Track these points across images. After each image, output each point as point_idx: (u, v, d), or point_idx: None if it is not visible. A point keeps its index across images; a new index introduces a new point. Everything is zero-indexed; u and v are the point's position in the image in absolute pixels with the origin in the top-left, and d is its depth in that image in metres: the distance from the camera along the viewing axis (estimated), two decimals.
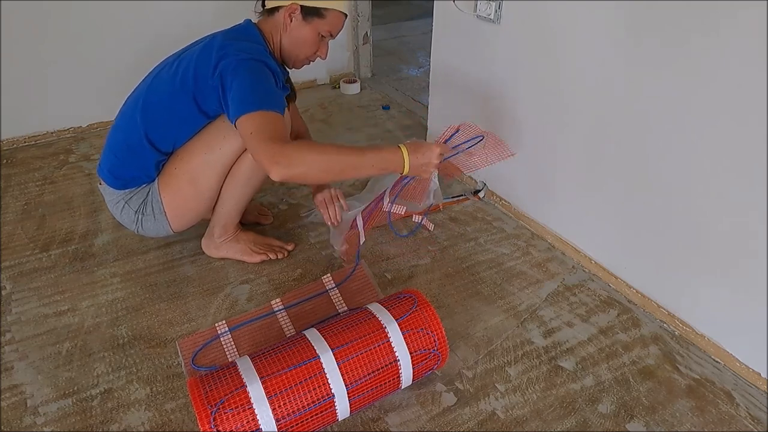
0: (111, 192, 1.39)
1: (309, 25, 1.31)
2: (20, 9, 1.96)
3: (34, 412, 1.10)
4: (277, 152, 1.08)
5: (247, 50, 1.22)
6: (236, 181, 1.36)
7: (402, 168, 1.19)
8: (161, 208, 1.37)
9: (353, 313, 1.12)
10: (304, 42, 1.34)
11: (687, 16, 1.10)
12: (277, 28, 1.33)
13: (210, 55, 1.23)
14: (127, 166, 1.35)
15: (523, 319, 1.34)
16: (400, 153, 1.17)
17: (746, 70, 1.03)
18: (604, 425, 1.10)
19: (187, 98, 1.27)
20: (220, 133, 1.30)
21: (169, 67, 1.31)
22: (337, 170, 1.15)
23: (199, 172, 1.33)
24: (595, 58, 1.32)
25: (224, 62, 1.20)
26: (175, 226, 1.41)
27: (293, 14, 1.30)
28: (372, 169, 1.17)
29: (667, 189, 1.25)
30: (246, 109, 1.13)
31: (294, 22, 1.31)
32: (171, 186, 1.35)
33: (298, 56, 1.37)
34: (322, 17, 1.31)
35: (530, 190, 1.66)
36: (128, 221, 1.41)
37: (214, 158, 1.32)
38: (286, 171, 1.08)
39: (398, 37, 3.52)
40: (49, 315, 1.33)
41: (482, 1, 1.58)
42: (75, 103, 2.19)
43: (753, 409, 1.14)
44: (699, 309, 1.27)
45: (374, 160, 1.16)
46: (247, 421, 0.91)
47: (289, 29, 1.32)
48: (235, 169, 1.34)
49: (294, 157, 1.09)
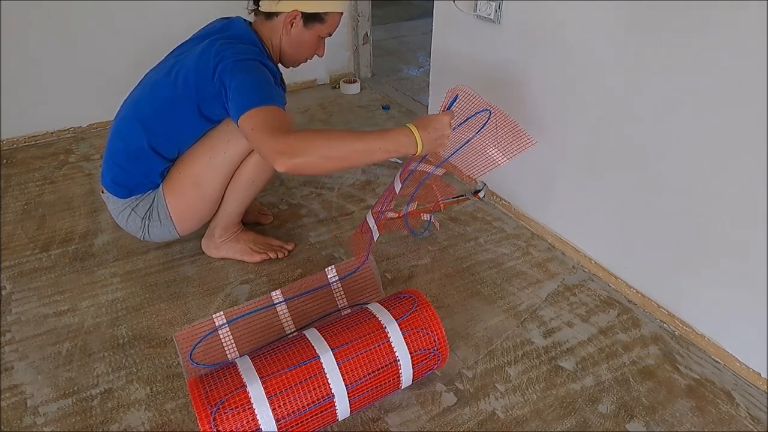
0: (115, 201, 1.39)
1: (310, 30, 1.33)
2: (20, 9, 1.96)
3: (34, 412, 1.10)
4: (281, 142, 1.04)
5: (244, 51, 1.23)
6: (240, 184, 1.36)
7: (415, 148, 1.10)
8: (167, 212, 1.37)
9: (353, 312, 1.12)
10: (305, 46, 1.36)
11: (687, 16, 1.10)
12: (276, 31, 1.33)
13: (208, 61, 1.22)
14: (131, 174, 1.35)
15: (523, 319, 1.34)
16: (410, 133, 1.10)
17: (746, 70, 1.03)
18: (604, 425, 1.10)
19: (189, 106, 1.27)
20: (224, 137, 1.30)
21: (167, 74, 1.30)
22: (345, 157, 1.08)
23: (204, 176, 1.34)
24: (596, 59, 1.32)
25: (222, 65, 1.20)
26: (181, 230, 1.42)
27: (294, 20, 1.31)
28: (383, 153, 1.09)
29: (667, 189, 1.25)
30: (246, 106, 1.12)
31: (295, 28, 1.32)
32: (176, 191, 1.35)
33: (298, 58, 1.39)
34: (323, 22, 1.33)
35: (530, 190, 1.66)
36: (135, 228, 1.41)
37: (218, 162, 1.32)
38: (292, 161, 1.03)
39: (398, 37, 3.51)
40: (49, 315, 1.33)
41: (482, 1, 1.58)
42: (75, 103, 2.19)
43: (753, 409, 1.14)
44: (699, 309, 1.27)
45: (385, 144, 1.08)
46: (247, 421, 0.91)
47: (290, 34, 1.33)
48: (239, 172, 1.35)
49: (298, 146, 1.04)
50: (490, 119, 1.23)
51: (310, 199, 1.81)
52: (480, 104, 1.24)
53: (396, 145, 1.09)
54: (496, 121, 1.24)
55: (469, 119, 1.24)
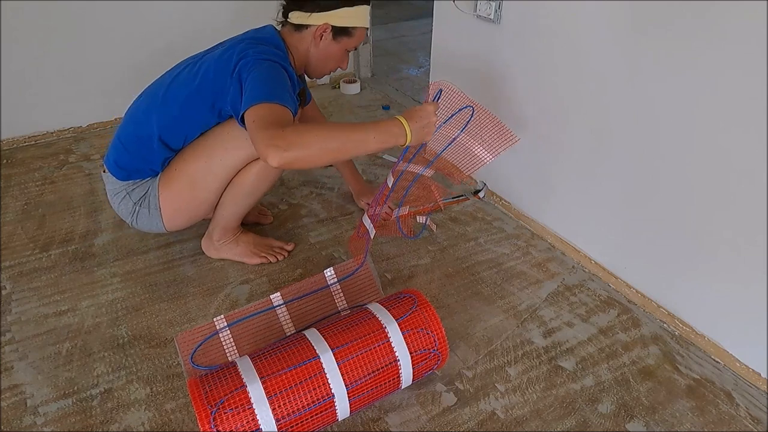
0: (114, 182, 1.40)
1: (338, 43, 1.36)
2: (20, 9, 1.96)
3: (34, 412, 1.10)
4: (274, 136, 1.03)
5: (267, 53, 1.24)
6: (239, 190, 1.36)
7: (405, 137, 1.14)
8: (157, 204, 1.37)
9: (353, 312, 1.12)
10: (332, 58, 1.39)
11: (687, 16, 1.10)
12: (304, 43, 1.35)
13: (231, 59, 1.24)
14: (134, 158, 1.36)
15: (523, 319, 1.34)
16: (400, 123, 1.14)
17: (746, 70, 1.03)
18: (604, 425, 1.10)
19: (205, 100, 1.27)
20: (223, 144, 1.30)
21: (191, 69, 1.32)
22: (339, 149, 1.09)
23: (199, 177, 1.34)
24: (596, 59, 1.32)
25: (243, 62, 1.21)
26: (168, 225, 1.42)
27: (324, 33, 1.33)
28: (377, 143, 1.11)
29: (667, 189, 1.25)
30: (254, 100, 1.12)
31: (324, 41, 1.35)
32: (170, 185, 1.36)
33: (323, 70, 1.43)
34: (351, 36, 1.36)
35: (530, 190, 1.66)
36: (125, 212, 1.42)
37: (215, 168, 1.32)
38: (285, 154, 1.01)
39: (398, 37, 3.51)
40: (49, 315, 1.33)
41: (482, 1, 1.58)
42: (75, 103, 2.19)
43: (753, 409, 1.14)
44: (699, 309, 1.27)
45: (378, 134, 1.11)
46: (247, 421, 0.91)
47: (319, 47, 1.36)
48: (241, 179, 1.35)
49: (292, 140, 1.02)
50: (473, 116, 1.26)
51: (310, 199, 1.81)
52: (462, 100, 1.26)
53: (388, 135, 1.12)
54: (479, 118, 1.27)
55: (453, 116, 1.26)
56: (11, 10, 1.94)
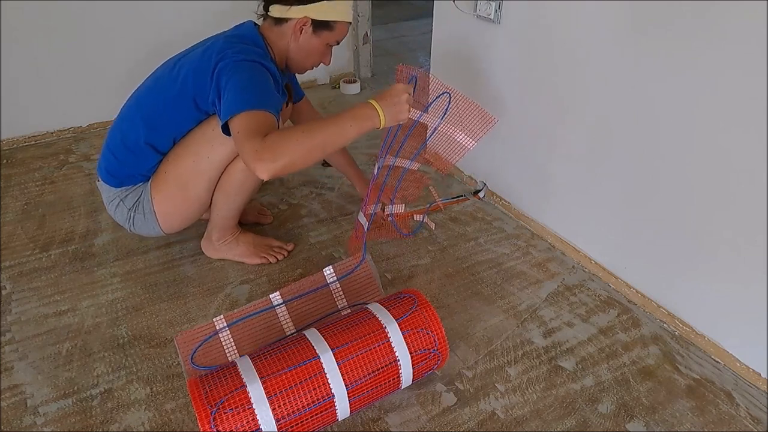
0: (107, 189, 1.40)
1: (318, 37, 1.34)
2: (20, 9, 1.96)
3: (34, 412, 1.10)
4: (260, 149, 1.04)
5: (246, 52, 1.23)
6: (228, 189, 1.36)
7: (379, 119, 1.16)
8: (151, 208, 1.37)
9: (353, 311, 1.12)
10: (313, 53, 1.38)
11: (687, 16, 1.10)
12: (284, 37, 1.34)
13: (210, 60, 1.23)
14: (124, 166, 1.36)
15: (523, 319, 1.34)
16: (372, 105, 1.16)
17: (746, 70, 1.03)
18: (604, 425, 1.10)
19: (187, 100, 1.27)
20: (208, 142, 1.30)
21: (170, 70, 1.31)
22: (322, 145, 1.11)
23: (188, 178, 1.34)
24: (596, 59, 1.32)
25: (222, 64, 1.20)
26: (165, 228, 1.42)
27: (304, 27, 1.32)
28: (354, 129, 1.14)
29: (667, 189, 1.25)
30: (235, 109, 1.13)
31: (303, 35, 1.33)
32: (161, 189, 1.36)
33: (304, 65, 1.41)
34: (332, 30, 1.34)
35: (530, 190, 1.66)
36: (122, 219, 1.42)
37: (203, 167, 1.32)
38: (272, 165, 1.04)
39: (398, 37, 3.52)
40: (49, 315, 1.33)
41: (482, 1, 1.58)
42: (75, 103, 2.19)
43: (753, 409, 1.14)
44: (699, 309, 1.27)
45: (352, 121, 1.13)
46: (247, 421, 0.91)
47: (299, 41, 1.34)
48: (227, 177, 1.34)
49: (276, 150, 1.05)
50: (450, 102, 1.26)
51: (310, 199, 1.81)
52: (438, 87, 1.26)
53: (362, 119, 1.15)
54: (457, 103, 1.27)
55: (432, 104, 1.26)
56: (11, 10, 1.95)
